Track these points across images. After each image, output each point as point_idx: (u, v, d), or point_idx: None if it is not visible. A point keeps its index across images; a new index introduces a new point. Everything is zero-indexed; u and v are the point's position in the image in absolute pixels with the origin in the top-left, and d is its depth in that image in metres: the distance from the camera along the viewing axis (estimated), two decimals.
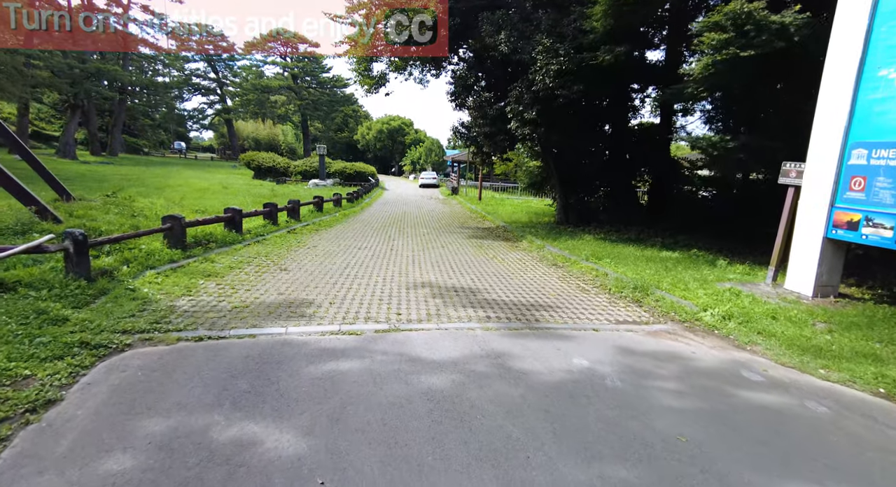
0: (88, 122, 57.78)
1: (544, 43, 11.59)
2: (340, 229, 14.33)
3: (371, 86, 15.65)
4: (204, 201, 18.57)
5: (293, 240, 11.44)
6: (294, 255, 9.47)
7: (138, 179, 31.11)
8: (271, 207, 12.53)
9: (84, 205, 10.57)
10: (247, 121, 78.46)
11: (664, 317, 6.42)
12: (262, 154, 41.77)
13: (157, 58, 67.02)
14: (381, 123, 77.73)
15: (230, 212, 10.25)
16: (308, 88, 76.35)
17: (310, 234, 12.64)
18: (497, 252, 11.35)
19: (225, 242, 9.52)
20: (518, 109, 13.22)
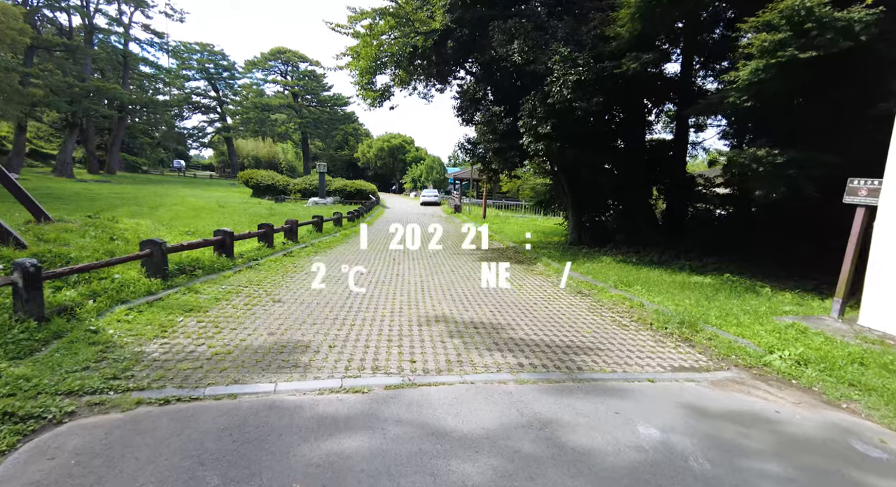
0: (86, 141, 57.29)
1: (562, 52, 10.80)
2: (341, 250, 13.38)
3: (374, 99, 14.85)
4: (197, 221, 17.67)
5: (289, 264, 10.48)
6: (290, 283, 8.48)
7: (133, 198, 30.29)
8: (266, 228, 11.60)
9: (60, 227, 9.63)
10: (247, 139, 78.12)
11: (724, 361, 5.42)
12: (260, 172, 41.06)
13: (157, 76, 66.86)
14: (382, 141, 77.40)
15: (220, 235, 9.31)
16: (308, 107, 76.25)
17: (308, 257, 11.68)
18: (513, 276, 10.38)
19: (213, 269, 8.55)
20: (531, 124, 12.38)
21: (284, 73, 76.59)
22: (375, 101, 14.92)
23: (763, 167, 7.48)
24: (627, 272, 10.65)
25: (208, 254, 9.39)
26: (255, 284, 8.10)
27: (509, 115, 13.94)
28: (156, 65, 65.60)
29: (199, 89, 76.16)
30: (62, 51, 52.27)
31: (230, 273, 8.67)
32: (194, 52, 72.51)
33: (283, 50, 73.31)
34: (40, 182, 40.08)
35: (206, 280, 7.90)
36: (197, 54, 72.79)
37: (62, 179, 45.50)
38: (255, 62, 74.57)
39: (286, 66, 75.82)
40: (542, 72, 11.43)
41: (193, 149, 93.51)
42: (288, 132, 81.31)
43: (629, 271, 10.77)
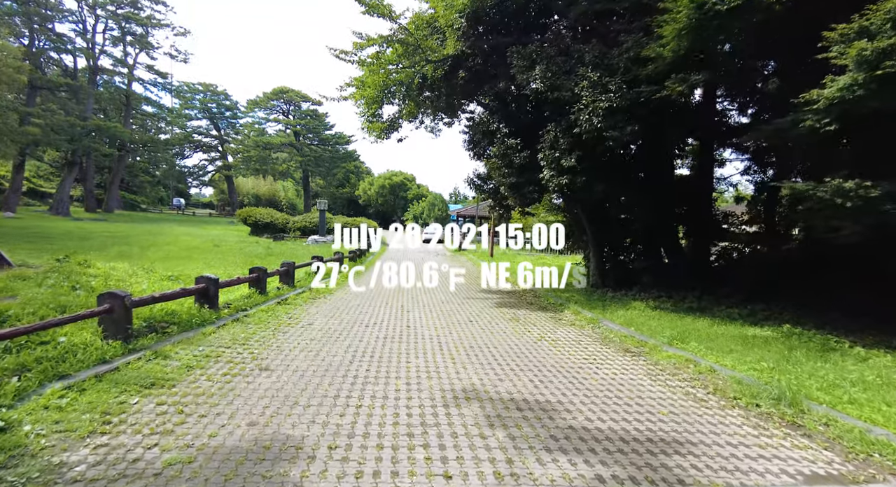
0: (85, 179, 56.77)
1: (591, 77, 9.79)
2: (343, 296, 12.00)
3: (382, 131, 13.82)
4: (187, 263, 16.35)
5: (283, 314, 9.09)
6: (282, 341, 7.08)
7: (125, 237, 29.09)
8: (258, 273, 10.27)
9: (15, 274, 8.30)
10: (247, 177, 77.89)
11: (867, 463, 3.99)
12: (259, 209, 40.09)
13: (159, 115, 67.08)
14: (384, 178, 77.19)
15: (202, 283, 7.97)
16: (310, 145, 76.30)
17: (305, 305, 10.29)
18: (542, 328, 8.97)
19: (191, 324, 7.15)
20: (553, 156, 11.28)
21: (286, 113, 77.09)
22: (382, 134, 13.89)
23: (850, 201, 6.24)
24: (670, 322, 9.25)
25: (189, 305, 8.03)
26: (239, 344, 6.70)
27: (526, 148, 12.88)
28: (158, 104, 65.86)
29: (201, 128, 76.46)
30: (65, 91, 52.39)
31: (212, 328, 7.27)
32: (197, 92, 73.17)
33: (285, 89, 73.99)
34: (34, 220, 39.04)
35: (180, 339, 6.50)
36: (200, 94, 73.42)
37: (57, 218, 44.51)
38: (257, 101, 75.15)
39: (288, 105, 76.41)
40: (567, 99, 10.39)
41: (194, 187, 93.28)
42: (289, 170, 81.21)
43: (671, 321, 9.37)
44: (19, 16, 49.05)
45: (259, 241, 32.11)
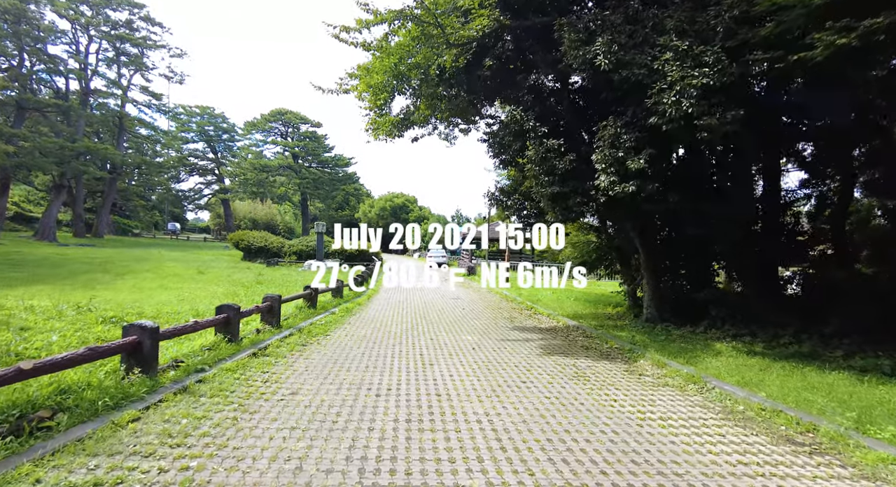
0: (74, 203, 54.34)
1: (676, 46, 7.34)
2: (341, 340, 9.30)
3: (392, 127, 11.29)
4: (156, 294, 13.66)
5: (258, 375, 6.38)
6: (246, 434, 4.38)
7: (104, 263, 26.42)
8: (228, 313, 7.57)
9: None
10: (245, 200, 75.56)
11: None
12: (252, 233, 37.55)
13: (154, 138, 65.09)
14: (385, 200, 74.96)
15: (135, 334, 5.28)
16: (309, 167, 74.31)
17: (290, 357, 7.59)
18: (628, 393, 6.26)
19: (96, 409, 4.40)
20: (614, 156, 8.76)
21: (285, 135, 75.38)
22: (394, 130, 11.33)
23: None
24: (803, 380, 6.55)
25: (112, 368, 5.34)
26: (171, 446, 3.99)
27: (571, 151, 10.38)
28: (153, 126, 63.99)
29: (198, 151, 74.55)
30: (55, 112, 50.38)
31: (134, 412, 4.54)
32: (194, 115, 71.49)
33: (283, 111, 72.42)
34: (14, 246, 36.41)
35: (66, 442, 3.79)
36: (197, 117, 71.70)
37: (40, 244, 41.95)
38: (255, 123, 73.47)
39: (287, 127, 74.74)
40: (640, 80, 7.91)
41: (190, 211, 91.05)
42: (287, 193, 79.01)
43: (804, 378, 6.68)
44: (9, 37, 47.39)
45: (251, 267, 29.47)
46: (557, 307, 15.48)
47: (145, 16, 53.22)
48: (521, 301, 17.09)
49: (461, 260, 44.84)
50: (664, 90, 7.50)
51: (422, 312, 13.84)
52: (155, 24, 54.62)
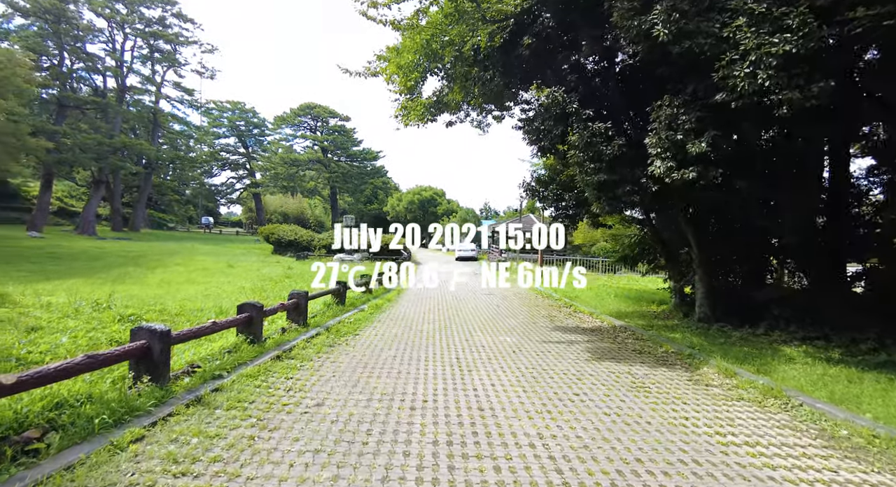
0: (112, 198, 55.75)
1: (751, 9, 6.36)
2: (370, 340, 8.69)
3: (425, 110, 10.56)
4: (183, 288, 13.37)
5: (281, 382, 5.80)
6: (263, 458, 3.78)
7: (138, 257, 26.68)
8: (250, 312, 7.03)
9: None
10: (275, 195, 76.34)
11: None
12: (282, 227, 37.55)
13: (187, 134, 66.21)
14: (413, 194, 74.52)
15: (143, 338, 4.74)
16: (338, 161, 74.52)
17: (316, 360, 7.01)
18: (699, 409, 5.42)
19: (92, 428, 3.84)
20: (672, 139, 7.83)
21: (314, 129, 75.68)
22: (426, 113, 10.59)
23: None
24: None
25: (120, 375, 4.82)
26: (175, 473, 3.41)
27: (619, 135, 9.48)
28: (185, 122, 65.07)
29: (229, 146, 75.58)
30: (93, 109, 51.64)
31: (138, 430, 3.98)
32: (225, 111, 72.41)
33: (312, 105, 72.65)
34: (56, 240, 37.42)
35: (53, 470, 3.25)
36: (228, 112, 72.61)
37: (81, 237, 43.05)
38: (284, 118, 73.96)
39: (316, 121, 74.98)
40: (704, 51, 6.95)
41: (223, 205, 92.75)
42: (317, 187, 79.52)
43: None
44: (50, 37, 48.64)
45: (280, 260, 29.38)
46: (598, 304, 14.55)
47: (177, 12, 53.88)
48: (559, 298, 16.21)
49: (490, 254, 44.00)
50: (735, 61, 6.52)
51: (454, 309, 13.15)
52: (187, 21, 55.26)
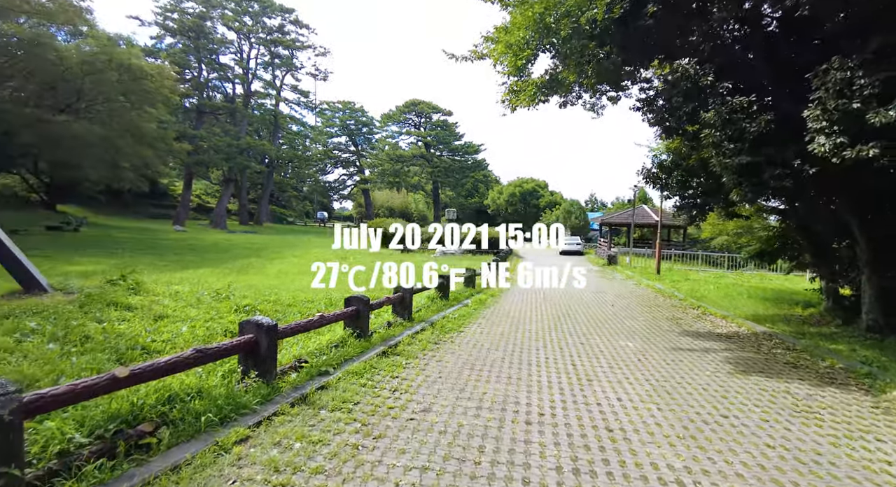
0: (240, 195, 61.53)
1: None
2: (476, 338, 8.23)
3: (537, 90, 9.80)
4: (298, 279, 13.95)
5: (385, 383, 5.52)
6: (369, 465, 3.45)
7: (261, 248, 28.97)
8: (357, 305, 6.89)
9: (28, 304, 5.86)
10: (382, 190, 79.48)
11: None
12: (388, 220, 38.79)
13: (303, 134, 71.13)
14: (513, 186, 73.36)
15: (251, 332, 4.68)
16: (440, 156, 75.67)
17: (422, 357, 6.68)
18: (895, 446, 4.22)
19: (198, 426, 3.68)
20: (845, 109, 6.37)
21: (418, 125, 77.44)
22: (537, 94, 9.82)
23: None
24: None
25: (229, 368, 4.81)
26: (279, 484, 3.17)
27: (767, 109, 8.02)
28: (302, 122, 69.87)
29: (341, 145, 79.87)
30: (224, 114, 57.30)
31: (243, 430, 3.83)
32: (337, 111, 76.55)
33: (416, 102, 74.29)
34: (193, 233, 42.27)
35: (164, 469, 3.14)
36: (340, 112, 76.71)
37: (214, 231, 48.02)
38: (390, 115, 76.51)
39: (420, 117, 76.64)
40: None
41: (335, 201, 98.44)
42: (420, 182, 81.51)
43: None
44: (192, 52, 54.61)
45: (385, 253, 30.22)
46: (730, 306, 12.82)
47: (294, 19, 57.71)
48: (684, 297, 14.58)
49: (598, 248, 41.77)
50: None
51: (563, 307, 12.29)
52: (302, 27, 59.02)
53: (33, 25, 26.13)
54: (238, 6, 55.08)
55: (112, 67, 25.62)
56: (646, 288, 17.54)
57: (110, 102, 27.36)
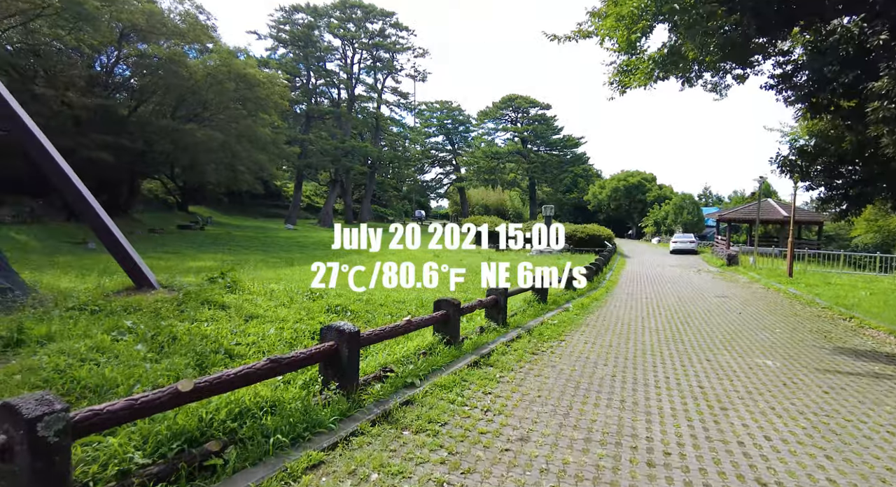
0: (345, 194, 64.69)
1: None
2: (579, 349, 7.35)
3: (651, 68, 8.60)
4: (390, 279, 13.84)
5: (476, 401, 4.91)
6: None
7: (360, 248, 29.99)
8: (447, 309, 6.36)
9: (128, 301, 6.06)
10: (478, 188, 79.33)
11: None
12: (482, 218, 38.39)
13: (402, 135, 73.09)
14: (616, 180, 69.29)
15: (331, 339, 4.30)
16: (537, 151, 73.81)
17: (518, 370, 5.99)
18: None
19: (259, 451, 3.35)
20: None
21: (515, 120, 76.12)
22: (654, 71, 8.61)
23: None
24: None
25: (310, 377, 4.49)
26: None
27: None
28: (401, 124, 71.81)
29: (438, 144, 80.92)
30: (331, 118, 60.53)
31: (317, 453, 3.43)
32: (435, 111, 77.55)
33: (513, 97, 73.05)
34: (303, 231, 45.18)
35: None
36: (437, 112, 77.65)
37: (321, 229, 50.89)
38: (487, 112, 76.00)
39: (517, 112, 75.27)
40: None
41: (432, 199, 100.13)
42: (516, 179, 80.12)
43: None
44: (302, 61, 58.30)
45: (480, 251, 29.76)
46: (886, 314, 10.57)
47: (395, 23, 59.28)
48: (827, 305, 12.35)
49: (715, 246, 37.89)
50: None
51: (681, 315, 10.87)
52: (402, 29, 60.47)
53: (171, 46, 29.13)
54: (343, 13, 57.76)
55: (230, 77, 27.79)
56: (777, 293, 15.20)
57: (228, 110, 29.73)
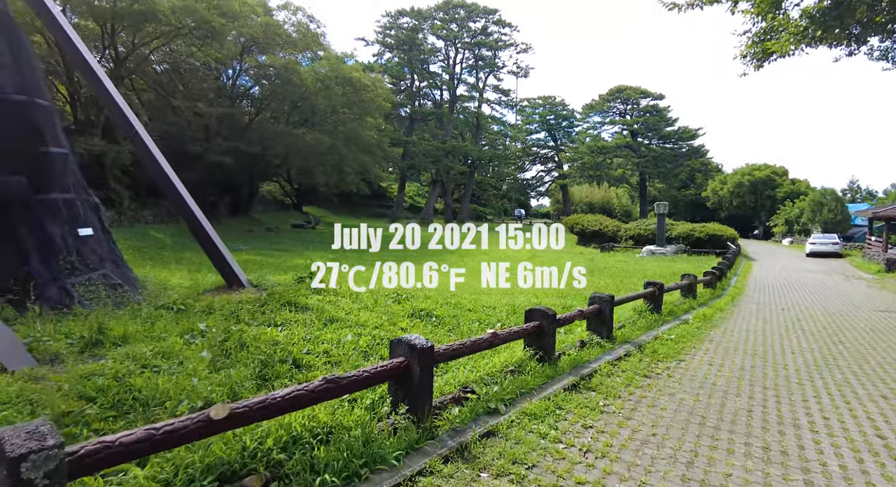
0: (445, 194, 65.47)
1: None
2: (703, 372, 6.12)
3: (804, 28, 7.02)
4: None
5: (572, 435, 4.07)
6: None
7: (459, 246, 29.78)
8: (540, 321, 5.54)
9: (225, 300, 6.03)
10: (581, 185, 76.01)
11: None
12: (586, 216, 36.34)
13: (503, 133, 72.18)
14: (740, 175, 62.36)
15: (402, 355, 3.71)
16: (648, 145, 68.77)
17: (626, 398, 5.01)
18: None
19: (328, 484, 2.92)
20: None
21: (623, 113, 71.71)
22: (806, 32, 7.00)
23: None
24: None
25: (381, 392, 3.96)
26: None
27: None
28: (502, 122, 70.92)
29: (539, 141, 78.88)
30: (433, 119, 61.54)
31: None
32: (537, 107, 75.59)
33: (622, 88, 68.82)
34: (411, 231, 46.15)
35: None
36: (539, 108, 75.61)
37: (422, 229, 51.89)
38: (592, 105, 72.42)
39: (625, 104, 70.83)
40: None
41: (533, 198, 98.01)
42: (624, 175, 75.46)
43: None
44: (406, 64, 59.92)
45: (583, 252, 28.06)
46: None
47: (497, 19, 58.59)
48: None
49: (867, 248, 32.31)
50: None
51: (830, 332, 8.95)
52: (505, 26, 59.58)
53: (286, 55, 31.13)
54: (446, 14, 58.27)
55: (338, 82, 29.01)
56: None
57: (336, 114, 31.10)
